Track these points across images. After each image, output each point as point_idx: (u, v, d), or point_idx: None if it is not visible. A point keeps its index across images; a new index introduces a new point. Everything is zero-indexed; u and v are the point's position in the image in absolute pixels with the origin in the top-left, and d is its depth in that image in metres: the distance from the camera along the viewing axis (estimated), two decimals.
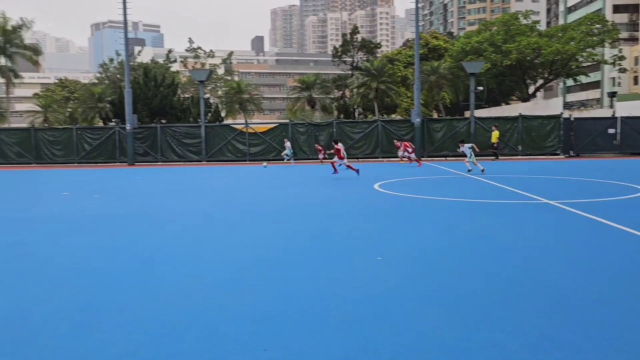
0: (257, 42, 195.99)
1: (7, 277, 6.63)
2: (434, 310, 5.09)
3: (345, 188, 16.53)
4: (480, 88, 39.97)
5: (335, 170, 19.87)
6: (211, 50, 65.06)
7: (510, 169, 23.27)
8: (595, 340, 4.34)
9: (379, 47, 63.77)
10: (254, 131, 32.19)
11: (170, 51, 62.12)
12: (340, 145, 20.07)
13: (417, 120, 31.22)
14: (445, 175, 20.75)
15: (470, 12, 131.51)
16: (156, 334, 4.63)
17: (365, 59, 58.59)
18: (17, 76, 51.75)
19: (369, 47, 60.41)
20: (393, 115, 56.42)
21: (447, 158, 31.41)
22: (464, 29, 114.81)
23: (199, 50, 63.93)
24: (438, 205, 12.48)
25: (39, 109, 56.44)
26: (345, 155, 20.18)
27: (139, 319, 5.03)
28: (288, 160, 29.21)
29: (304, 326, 4.75)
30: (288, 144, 29.49)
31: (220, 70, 70.04)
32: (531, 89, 59.93)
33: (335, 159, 19.87)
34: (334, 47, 62.55)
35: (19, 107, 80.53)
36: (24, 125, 48.84)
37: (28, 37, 54.53)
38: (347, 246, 8.04)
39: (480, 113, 42.97)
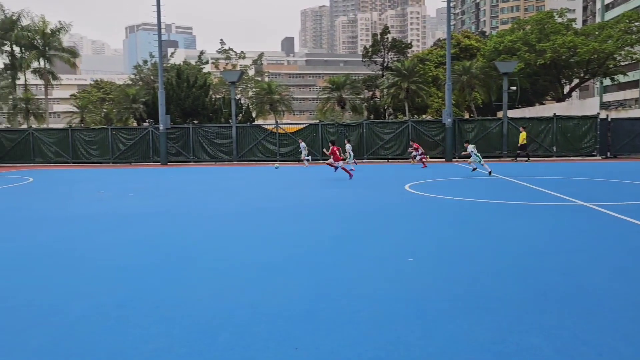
0: (287, 43, 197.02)
1: (48, 273, 6.84)
2: (466, 313, 5.04)
3: (376, 189, 16.47)
4: (514, 88, 39.28)
5: (335, 168, 19.73)
6: (242, 52, 65.71)
7: (545, 170, 22.79)
8: (637, 345, 4.22)
9: (410, 47, 63.35)
10: (284, 131, 32.39)
11: (202, 53, 63.00)
12: (337, 147, 20.04)
13: (448, 120, 30.90)
14: (477, 176, 20.47)
15: (504, 11, 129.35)
16: (190, 331, 4.71)
17: (395, 59, 58.25)
18: (55, 78, 53.35)
19: (400, 47, 60.04)
20: (424, 116, 55.95)
21: None
22: (496, 27, 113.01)
23: (230, 52, 64.67)
24: (470, 206, 12.32)
25: (76, 109, 57.99)
26: (343, 156, 20.17)
27: (172, 316, 5.13)
28: (307, 160, 28.64)
29: (335, 326, 4.77)
30: (303, 144, 29.03)
31: (251, 71, 70.72)
32: (566, 89, 58.59)
33: (331, 160, 19.66)
34: (364, 48, 62.34)
35: (57, 108, 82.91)
36: (62, 125, 50.24)
37: (66, 40, 56.12)
38: (377, 247, 8.02)
39: (513, 113, 42.21)
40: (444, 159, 30.85)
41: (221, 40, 64.37)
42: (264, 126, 33.67)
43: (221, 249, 8.10)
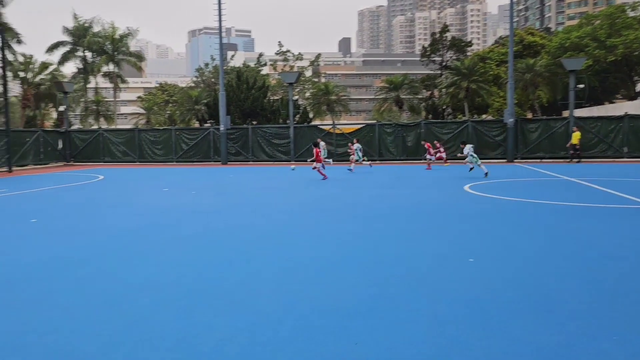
0: (344, 44, 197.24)
1: (121, 263, 7.22)
2: (530, 315, 4.92)
3: (435, 189, 16.25)
4: (581, 86, 37.52)
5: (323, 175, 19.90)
6: (300, 53, 66.36)
7: (615, 171, 21.70)
8: None
9: (470, 46, 61.87)
10: (340, 132, 32.49)
11: (260, 55, 64.18)
12: (320, 148, 20.59)
13: (510, 120, 30.00)
14: (541, 177, 19.77)
15: (570, 6, 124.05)
16: (252, 323, 4.85)
17: (455, 57, 57.11)
18: (123, 81, 55.97)
19: (459, 45, 58.82)
20: (484, 116, 54.53)
21: (543, 160, 29.90)
22: (562, 23, 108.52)
23: (288, 53, 65.49)
24: (533, 208, 11.93)
25: (142, 111, 60.53)
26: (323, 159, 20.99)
27: (235, 307, 5.29)
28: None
29: (395, 324, 4.77)
30: (322, 143, 27.82)
31: (308, 73, 71.31)
32: (639, 87, 55.42)
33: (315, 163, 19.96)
34: (423, 47, 61.48)
35: (124, 109, 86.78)
36: (129, 126, 52.61)
37: (133, 45, 58.69)
38: (437, 247, 7.94)
39: (580, 112, 40.39)
40: (505, 160, 29.99)
41: (279, 42, 65.25)
42: (321, 127, 33.89)
43: (282, 245, 8.25)
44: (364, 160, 24.64)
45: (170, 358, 4.13)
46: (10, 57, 41.26)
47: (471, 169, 20.69)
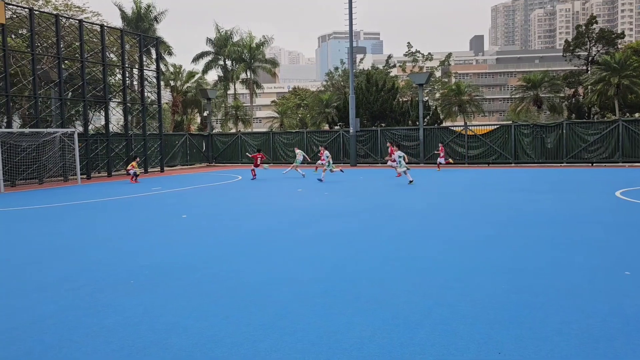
0: (477, 42, 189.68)
1: (263, 259, 7.68)
2: None
3: (583, 195, 15.00)
4: None
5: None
6: (429, 53, 65.15)
7: None
8: None
9: (622, 37, 56.12)
10: (473, 133, 31.30)
11: (389, 57, 64.05)
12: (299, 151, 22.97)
13: None
14: None
15: None
16: (389, 324, 4.88)
17: (603, 51, 52.16)
18: (259, 87, 59.33)
19: (609, 37, 53.56)
20: (637, 115, 49.15)
21: None
22: None
23: (417, 54, 64.59)
24: None
25: (276, 115, 63.56)
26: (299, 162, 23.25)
27: (373, 307, 5.36)
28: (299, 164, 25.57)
29: (541, 335, 4.51)
30: (299, 151, 26.05)
31: (438, 73, 69.71)
32: None
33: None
34: (565, 41, 56.98)
35: (259, 114, 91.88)
36: (264, 129, 55.57)
37: (267, 52, 61.90)
38: (587, 257, 7.33)
39: None
40: None
41: (408, 43, 64.59)
42: (452, 128, 32.96)
43: (417, 247, 8.19)
44: (333, 168, 23.09)
45: (314, 351, 4.31)
46: (162, 67, 45.74)
47: (399, 175, 20.77)
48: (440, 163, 27.57)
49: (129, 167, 23.79)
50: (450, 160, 28.74)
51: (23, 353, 4.42)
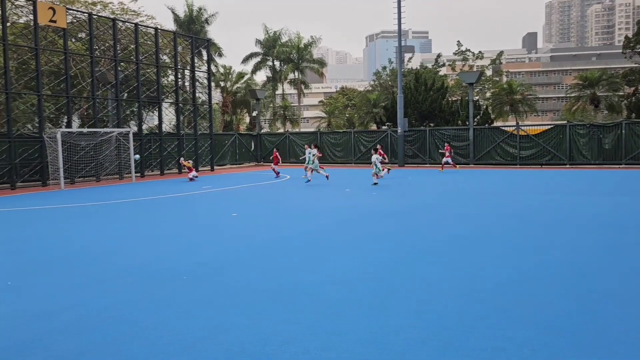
0: (529, 39, 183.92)
1: (310, 258, 7.71)
2: None
3: None
4: None
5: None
6: (480, 52, 63.71)
7: None
8: None
9: None
10: (525, 133, 30.38)
11: (439, 55, 63.05)
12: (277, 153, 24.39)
13: None
14: None
15: None
16: (441, 327, 4.80)
17: None
18: (306, 87, 59.68)
19: None
20: None
21: None
22: None
23: (467, 53, 63.27)
24: None
25: (323, 115, 63.76)
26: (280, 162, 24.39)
27: (423, 309, 5.29)
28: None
29: (601, 345, 4.32)
30: (309, 150, 23.39)
31: (489, 72, 68.06)
32: None
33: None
34: (626, 37, 54.51)
35: (307, 114, 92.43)
36: (311, 129, 55.85)
37: (315, 52, 62.18)
38: None
39: None
40: None
41: (458, 41, 63.35)
42: (503, 128, 32.11)
43: (466, 249, 8.02)
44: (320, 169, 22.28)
45: (363, 352, 4.29)
46: (213, 68, 46.71)
47: (376, 182, 20.05)
48: (446, 163, 27.42)
49: (186, 166, 24.43)
50: (455, 165, 28.50)
51: (87, 342, 4.62)
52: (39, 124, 23.24)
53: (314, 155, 22.00)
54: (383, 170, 20.59)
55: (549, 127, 30.43)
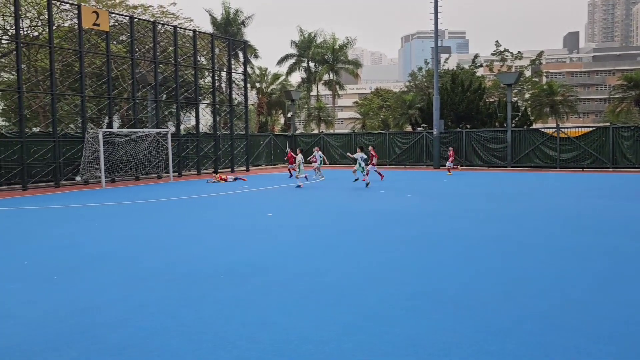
0: (571, 39, 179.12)
1: (347, 259, 7.75)
2: None
3: None
4: None
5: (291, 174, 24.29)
6: (519, 52, 62.46)
7: None
8: None
9: None
10: (566, 136, 29.63)
11: (476, 56, 62.11)
12: (292, 153, 24.15)
13: None
14: None
15: None
16: (478, 331, 4.77)
17: None
18: (341, 88, 59.73)
19: None
20: None
21: None
22: None
23: (506, 53, 62.12)
24: None
25: (358, 116, 63.69)
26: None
27: (461, 313, 5.26)
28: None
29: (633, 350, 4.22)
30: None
31: (528, 72, 66.64)
32: None
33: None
34: None
35: (341, 115, 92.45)
36: (346, 130, 55.87)
37: (350, 53, 62.14)
38: None
39: None
40: None
41: (496, 42, 62.27)
42: (542, 130, 31.40)
43: (506, 255, 7.90)
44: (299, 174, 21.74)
45: (398, 354, 4.30)
46: (249, 70, 47.26)
47: (356, 179, 20.66)
48: (450, 167, 27.60)
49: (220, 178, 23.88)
50: (458, 166, 29.10)
51: (126, 337, 4.77)
52: (81, 124, 24.00)
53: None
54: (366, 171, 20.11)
55: (591, 129, 29.60)
